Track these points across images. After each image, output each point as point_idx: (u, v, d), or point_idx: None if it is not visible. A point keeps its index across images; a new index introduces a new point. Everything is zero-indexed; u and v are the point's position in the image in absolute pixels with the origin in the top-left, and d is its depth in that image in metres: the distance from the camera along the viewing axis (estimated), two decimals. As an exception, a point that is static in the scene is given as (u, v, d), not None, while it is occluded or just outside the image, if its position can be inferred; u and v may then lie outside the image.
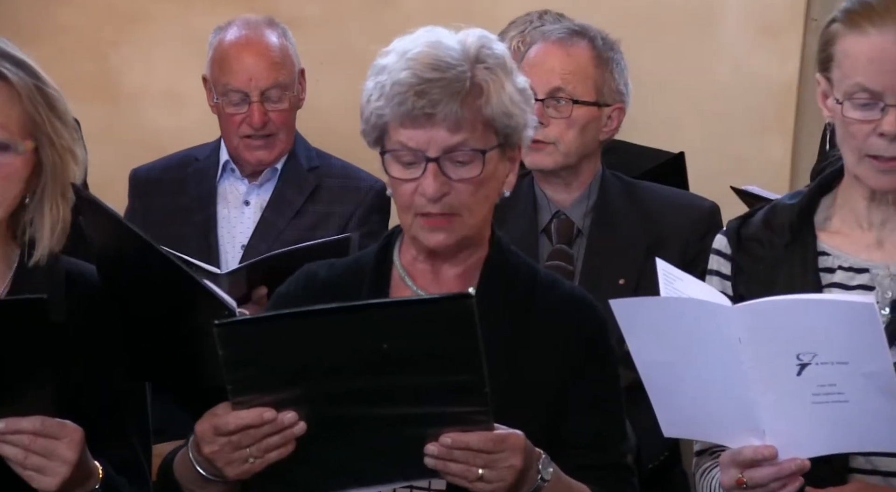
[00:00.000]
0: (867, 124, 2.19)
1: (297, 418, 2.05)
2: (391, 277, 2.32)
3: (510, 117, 2.23)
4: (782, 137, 4.20)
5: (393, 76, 2.20)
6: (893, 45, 2.16)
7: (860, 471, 2.20)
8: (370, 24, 4.32)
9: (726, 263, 2.35)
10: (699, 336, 2.04)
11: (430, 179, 2.20)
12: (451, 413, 2.04)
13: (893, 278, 2.25)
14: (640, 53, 4.10)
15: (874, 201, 2.27)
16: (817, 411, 2.04)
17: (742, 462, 2.10)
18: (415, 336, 2.01)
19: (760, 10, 4.20)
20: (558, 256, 3.16)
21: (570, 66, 3.11)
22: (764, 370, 2.03)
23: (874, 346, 1.99)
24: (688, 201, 3.24)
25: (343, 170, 3.61)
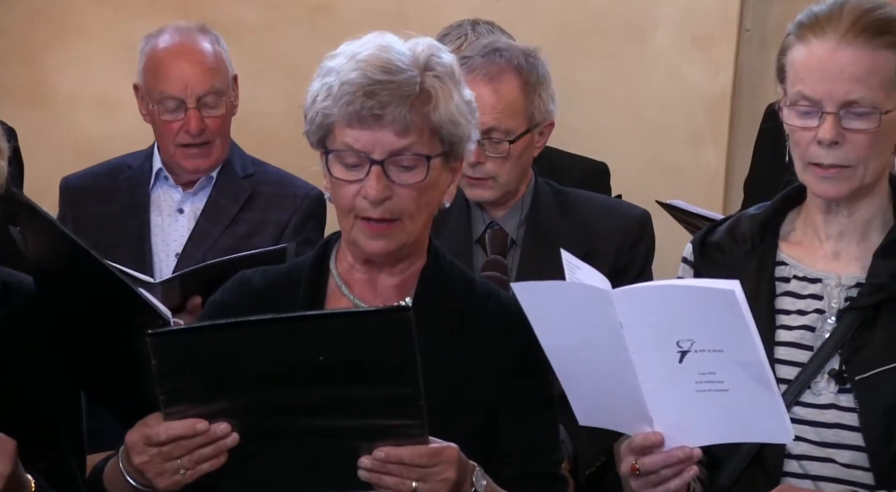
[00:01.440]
0: (808, 132, 2.22)
1: (230, 429, 2.04)
2: (327, 286, 2.31)
3: (456, 126, 2.23)
4: (716, 147, 4.24)
5: (342, 77, 2.19)
6: (832, 54, 2.20)
7: (793, 475, 2.23)
8: (307, 31, 4.31)
9: (689, 270, 2.38)
10: (588, 321, 2.07)
11: (373, 181, 2.20)
12: (386, 426, 2.03)
13: (843, 290, 2.27)
14: (577, 63, 4.14)
15: (830, 214, 2.30)
16: (701, 399, 2.06)
17: (634, 449, 2.13)
18: (351, 348, 2.00)
19: (694, 21, 4.24)
20: (493, 267, 3.17)
21: (501, 105, 3.11)
22: (647, 356, 2.06)
23: (742, 333, 2.01)
24: (619, 209, 3.26)
25: (278, 177, 3.60)
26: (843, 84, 2.19)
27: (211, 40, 3.51)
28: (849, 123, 2.20)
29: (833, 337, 2.24)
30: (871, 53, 2.19)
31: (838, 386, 2.23)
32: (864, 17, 2.20)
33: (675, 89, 4.24)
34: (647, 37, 4.25)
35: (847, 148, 2.21)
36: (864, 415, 2.20)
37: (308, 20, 4.34)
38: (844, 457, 2.21)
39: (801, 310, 2.28)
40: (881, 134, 2.21)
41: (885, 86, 2.20)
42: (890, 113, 2.20)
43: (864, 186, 2.25)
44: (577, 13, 4.25)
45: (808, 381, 2.24)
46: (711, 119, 4.25)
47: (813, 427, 2.22)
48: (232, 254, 3.22)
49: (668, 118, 4.24)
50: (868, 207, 2.28)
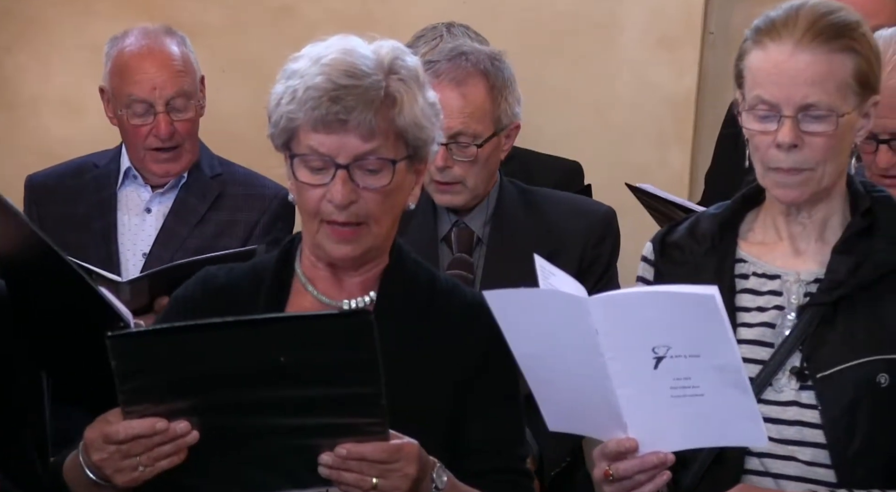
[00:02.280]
0: (767, 136, 2.24)
1: (190, 427, 2.04)
2: (291, 283, 2.32)
3: (421, 129, 2.24)
4: (681, 148, 4.27)
5: (307, 81, 2.19)
6: (789, 59, 2.22)
7: (754, 473, 2.25)
8: (272, 32, 4.30)
9: (650, 269, 2.40)
10: (562, 328, 2.08)
11: (338, 185, 2.20)
12: (347, 424, 2.04)
13: (802, 285, 2.29)
14: (544, 64, 4.15)
15: (790, 216, 2.32)
16: (676, 404, 2.08)
17: (608, 455, 2.15)
18: (312, 350, 2.00)
19: (659, 23, 4.26)
20: (458, 265, 3.18)
21: (468, 109, 3.12)
22: (623, 363, 2.07)
23: (720, 338, 2.03)
24: (584, 207, 3.28)
25: (247, 177, 3.59)
26: (800, 88, 2.21)
27: (178, 42, 3.50)
28: (807, 127, 2.23)
29: (793, 333, 2.26)
30: (827, 57, 2.21)
31: (800, 383, 2.24)
32: (820, 21, 2.22)
33: (640, 91, 4.26)
34: (612, 38, 4.27)
35: (806, 151, 2.23)
36: (825, 412, 2.22)
37: (272, 21, 4.34)
38: (806, 454, 2.23)
39: (761, 307, 2.30)
40: (838, 136, 2.24)
41: (842, 89, 2.22)
42: (847, 116, 2.23)
43: (823, 189, 2.27)
44: (543, 15, 4.26)
45: (769, 378, 2.26)
46: (676, 120, 4.27)
47: (775, 425, 2.23)
48: (200, 254, 3.22)
49: (634, 119, 4.26)
50: (826, 209, 2.31)
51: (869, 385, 2.21)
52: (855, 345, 2.23)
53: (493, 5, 4.17)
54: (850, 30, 2.24)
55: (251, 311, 2.24)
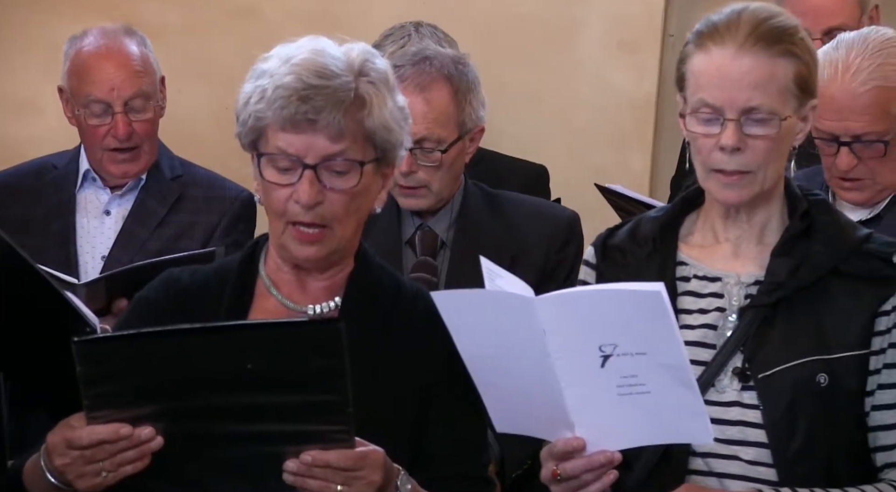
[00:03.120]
0: (710, 139, 2.27)
1: (154, 433, 2.04)
2: (255, 286, 2.31)
3: (389, 132, 2.24)
4: (641, 150, 4.28)
5: (276, 80, 2.19)
6: (732, 62, 2.24)
7: (698, 472, 2.27)
8: (233, 33, 4.29)
9: (591, 273, 2.42)
10: (509, 329, 2.09)
11: (305, 185, 2.20)
12: (313, 431, 2.04)
13: (742, 287, 2.31)
14: (504, 67, 4.16)
15: (729, 218, 2.35)
16: (623, 402, 2.09)
17: (555, 454, 2.16)
18: (280, 357, 2.00)
19: (620, 26, 4.27)
20: (422, 268, 3.17)
21: (432, 114, 3.12)
22: (570, 362, 2.08)
23: (666, 335, 2.05)
24: (548, 211, 3.29)
25: (208, 179, 3.58)
26: (743, 91, 2.23)
27: (137, 42, 3.48)
28: (749, 130, 2.25)
29: (735, 335, 2.28)
30: (769, 61, 2.24)
31: (741, 384, 2.26)
32: (762, 25, 2.25)
33: (601, 93, 4.28)
34: (573, 41, 4.28)
35: (748, 154, 2.26)
36: (766, 412, 2.25)
37: (233, 22, 4.33)
38: (748, 454, 2.25)
39: (703, 309, 2.32)
40: (780, 139, 2.27)
41: (783, 93, 2.25)
42: (788, 119, 2.26)
43: (763, 191, 2.30)
44: (505, 17, 4.28)
45: (711, 379, 2.28)
46: (637, 123, 4.29)
47: (717, 425, 2.24)
48: (160, 256, 3.20)
49: (595, 122, 4.28)
50: (765, 211, 2.33)
51: (809, 385, 2.24)
52: (794, 346, 2.25)
53: (454, 7, 4.18)
54: (790, 34, 2.27)
55: (214, 313, 2.25)
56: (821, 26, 3.54)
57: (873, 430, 2.27)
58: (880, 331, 2.27)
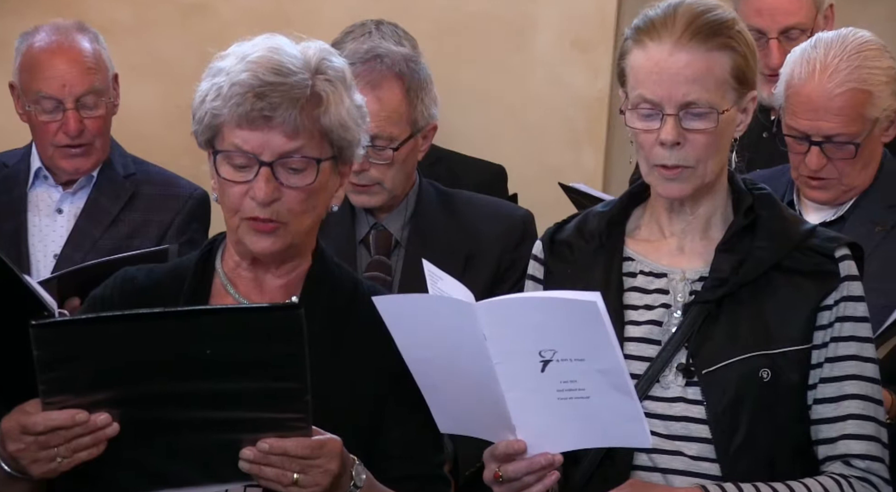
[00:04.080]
0: (650, 134, 2.29)
1: (111, 419, 2.03)
2: (212, 284, 2.31)
3: (346, 130, 2.24)
4: (594, 149, 4.30)
5: (232, 77, 2.19)
6: (669, 58, 2.26)
7: (642, 468, 2.28)
8: (183, 30, 4.28)
9: (539, 268, 2.43)
10: (451, 333, 2.11)
11: (261, 183, 2.20)
12: (271, 419, 2.04)
13: (687, 283, 2.33)
14: (457, 65, 4.16)
15: (673, 212, 2.36)
16: (562, 406, 2.12)
17: (497, 456, 2.18)
18: (240, 343, 2.00)
19: (573, 25, 4.29)
20: (377, 268, 3.17)
21: (384, 112, 3.11)
22: (510, 367, 2.10)
23: (603, 343, 2.07)
24: (502, 210, 3.29)
25: (161, 177, 3.56)
26: (680, 86, 2.25)
27: (90, 39, 3.46)
28: (689, 124, 2.27)
29: (679, 331, 2.30)
30: (706, 55, 2.26)
31: (686, 380, 2.28)
32: (698, 20, 2.27)
33: (554, 92, 4.29)
34: (527, 40, 4.29)
35: (688, 148, 2.28)
36: (710, 408, 2.26)
37: (183, 20, 4.31)
38: (692, 449, 2.27)
39: (648, 304, 2.34)
40: (719, 133, 2.28)
41: (721, 86, 2.27)
42: (726, 112, 2.28)
43: (705, 185, 2.32)
44: (457, 15, 4.28)
45: (656, 375, 2.29)
46: (590, 122, 4.30)
47: (662, 421, 2.27)
48: (113, 255, 3.18)
49: (548, 121, 4.29)
50: (709, 205, 2.35)
51: (752, 380, 2.26)
52: (738, 341, 2.27)
53: (407, 6, 4.18)
54: (727, 27, 2.28)
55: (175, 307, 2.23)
56: (777, 25, 3.57)
57: (815, 423, 2.30)
58: (822, 325, 2.29)
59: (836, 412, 2.28)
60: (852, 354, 2.29)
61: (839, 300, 2.29)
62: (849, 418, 2.28)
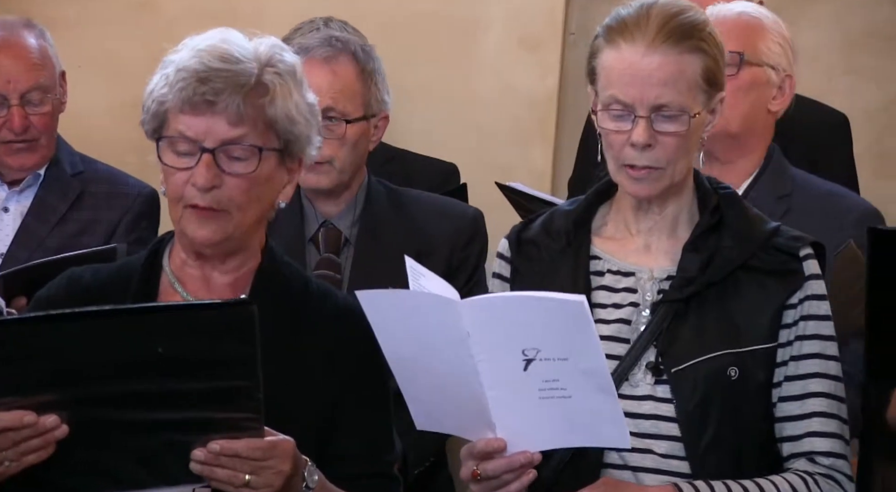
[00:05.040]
0: (621, 135, 2.30)
1: (59, 421, 2.01)
2: (160, 283, 2.29)
3: (294, 124, 2.24)
4: (543, 147, 4.32)
5: (178, 64, 2.20)
6: (642, 59, 2.27)
7: (613, 466, 2.30)
8: (129, 27, 4.25)
9: (506, 266, 2.43)
10: (433, 330, 2.11)
11: (202, 169, 2.19)
12: (223, 419, 2.03)
13: (655, 282, 2.34)
14: (405, 63, 4.16)
15: (641, 210, 2.38)
16: (544, 405, 2.13)
17: (476, 454, 2.18)
18: (192, 341, 1.99)
19: (521, 23, 4.30)
20: (326, 266, 3.16)
21: (338, 85, 3.12)
22: (493, 365, 2.11)
23: (587, 343, 2.09)
24: (452, 209, 3.29)
25: (109, 175, 3.53)
26: (653, 88, 2.27)
27: (36, 35, 3.43)
28: (660, 126, 2.28)
29: (648, 329, 2.31)
30: (678, 58, 2.27)
31: (655, 378, 2.30)
32: (671, 22, 2.28)
33: (503, 91, 4.30)
34: (475, 39, 4.30)
35: (658, 150, 2.29)
36: (679, 406, 2.28)
37: (131, 16, 4.28)
38: (662, 447, 2.29)
39: (617, 303, 2.35)
40: (689, 135, 2.30)
41: (692, 89, 2.29)
42: (698, 115, 2.30)
43: (673, 185, 2.34)
44: (405, 14, 4.28)
45: (625, 373, 2.31)
46: (539, 121, 4.32)
47: (632, 419, 2.28)
48: (60, 254, 3.15)
49: (497, 119, 4.30)
50: (676, 204, 2.37)
51: (720, 378, 2.28)
52: (706, 340, 2.29)
53: (355, 5, 4.18)
54: (699, 30, 2.30)
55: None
56: None
57: (780, 420, 2.32)
58: (787, 324, 2.32)
59: (801, 410, 2.31)
60: (816, 353, 2.32)
61: (803, 299, 2.32)
62: (813, 415, 2.31)
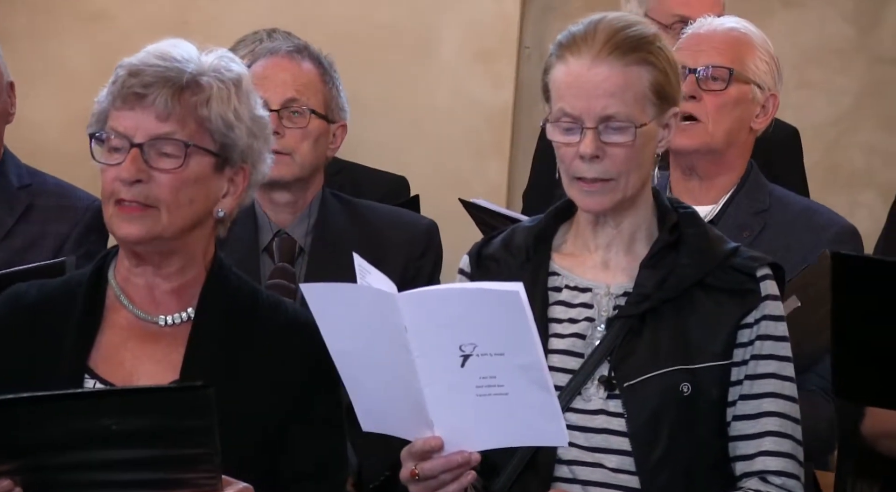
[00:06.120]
0: (571, 147, 2.31)
1: (13, 485, 1.99)
2: (105, 297, 2.27)
3: (231, 129, 2.23)
4: (499, 160, 4.33)
5: (121, 64, 2.22)
6: (588, 72, 2.29)
7: (563, 480, 2.29)
8: (82, 38, 4.22)
9: (466, 282, 2.42)
10: (373, 324, 2.11)
11: (128, 162, 2.19)
12: (179, 478, 2.02)
13: (611, 298, 2.35)
14: (363, 76, 4.15)
15: (598, 225, 2.38)
16: (482, 403, 2.12)
17: (414, 454, 2.18)
18: (146, 419, 1.99)
19: (476, 37, 4.31)
20: (280, 275, 3.15)
21: (303, 79, 3.15)
22: (430, 361, 2.10)
23: (524, 336, 2.08)
24: (406, 220, 3.30)
25: (58, 188, 3.49)
26: (599, 100, 2.28)
27: (-17, 46, 3.39)
28: (608, 138, 2.29)
29: (602, 344, 2.32)
30: (624, 69, 2.29)
31: (607, 392, 2.30)
32: (617, 35, 2.30)
33: (458, 104, 4.31)
34: (431, 52, 4.31)
35: (607, 162, 2.30)
36: (631, 420, 2.28)
37: (83, 28, 4.26)
38: (612, 462, 2.29)
39: (573, 318, 2.35)
40: (638, 147, 2.31)
41: (640, 100, 2.30)
42: (645, 126, 2.31)
43: (626, 198, 2.34)
44: (360, 27, 4.28)
45: (578, 387, 2.31)
46: (494, 133, 4.33)
47: (583, 433, 2.28)
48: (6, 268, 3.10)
49: (453, 132, 4.31)
50: (633, 219, 2.37)
51: (672, 394, 2.28)
52: (659, 355, 2.30)
53: (311, 17, 4.18)
54: (647, 43, 2.32)
55: (63, 329, 2.21)
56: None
57: (733, 439, 2.32)
58: (742, 342, 2.32)
59: (755, 429, 2.31)
60: (771, 373, 2.32)
61: (759, 319, 2.33)
62: (766, 435, 2.31)
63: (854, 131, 4.40)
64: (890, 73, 4.41)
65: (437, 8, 4.31)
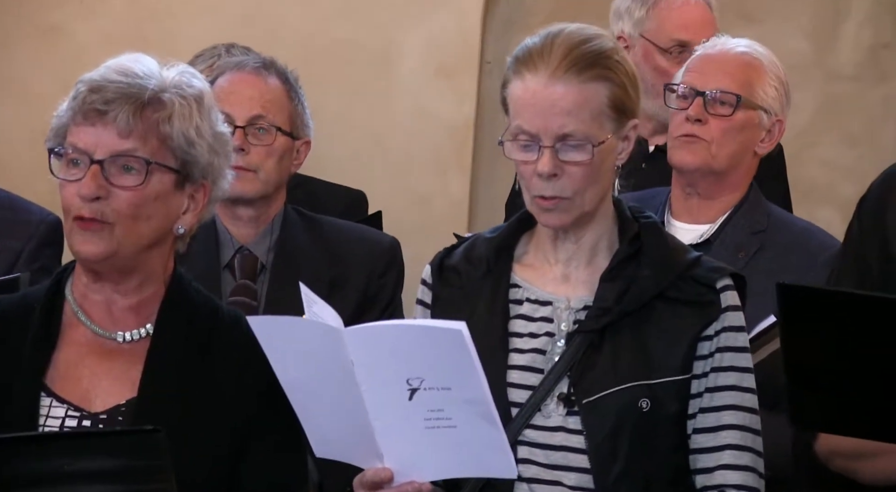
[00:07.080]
0: (529, 165, 2.30)
1: None
2: (63, 313, 2.25)
3: (192, 146, 2.21)
4: (461, 175, 4.33)
5: (81, 79, 2.21)
6: (545, 89, 2.27)
7: None
8: (39, 53, 4.19)
9: (428, 293, 2.41)
10: (320, 358, 2.11)
11: (87, 178, 2.18)
12: None
13: (571, 312, 2.33)
14: (324, 91, 4.14)
15: (558, 239, 2.37)
16: (430, 435, 2.13)
17: (365, 484, 2.18)
18: (98, 460, 1.97)
19: (437, 51, 4.32)
20: (242, 292, 3.14)
21: (269, 95, 3.15)
22: (378, 394, 2.11)
23: (468, 373, 2.09)
24: (369, 237, 3.29)
25: (10, 202, 3.44)
26: (556, 118, 2.26)
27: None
28: (565, 156, 2.28)
29: (562, 360, 2.30)
30: (580, 87, 2.27)
31: (567, 409, 2.29)
32: (574, 51, 2.28)
33: (419, 119, 4.31)
34: (391, 67, 4.31)
35: (565, 180, 2.29)
36: (590, 437, 2.27)
37: (41, 42, 4.23)
38: (571, 479, 2.27)
39: (533, 332, 2.34)
40: (596, 164, 2.29)
41: (597, 117, 2.28)
42: (603, 143, 2.29)
43: (585, 214, 2.33)
44: (321, 42, 4.28)
45: (538, 404, 2.29)
46: (456, 148, 4.33)
47: (542, 450, 2.27)
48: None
49: (414, 147, 4.31)
50: (594, 232, 2.36)
51: (631, 410, 2.27)
52: (619, 371, 2.28)
53: (271, 31, 4.17)
54: (605, 58, 2.29)
55: (20, 345, 2.19)
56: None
57: (693, 452, 2.32)
58: (702, 355, 2.31)
59: (714, 442, 2.30)
60: (732, 385, 2.31)
61: (720, 331, 2.31)
62: (726, 448, 2.30)
63: (812, 146, 4.42)
64: (847, 88, 4.44)
65: (398, 23, 4.30)
